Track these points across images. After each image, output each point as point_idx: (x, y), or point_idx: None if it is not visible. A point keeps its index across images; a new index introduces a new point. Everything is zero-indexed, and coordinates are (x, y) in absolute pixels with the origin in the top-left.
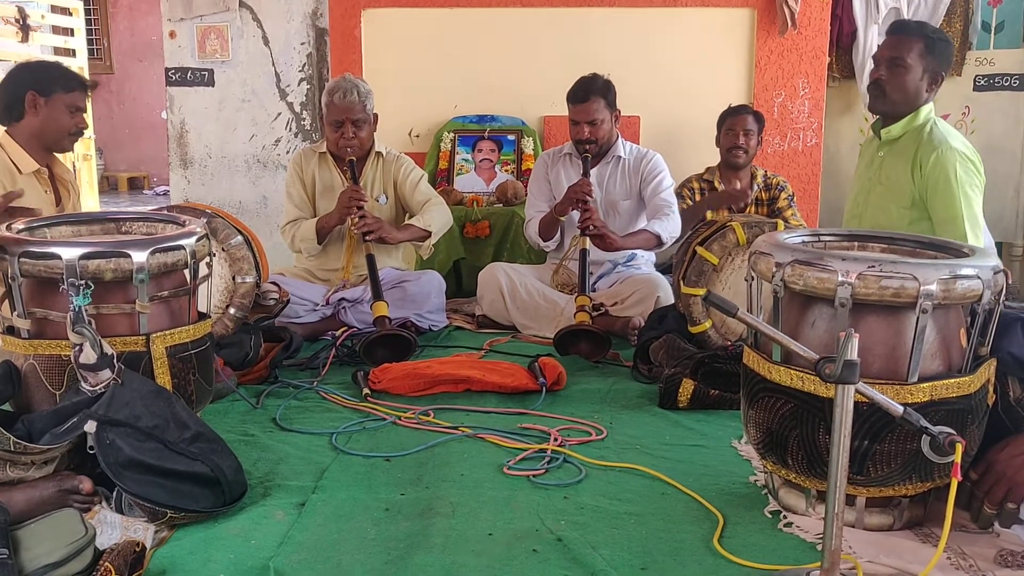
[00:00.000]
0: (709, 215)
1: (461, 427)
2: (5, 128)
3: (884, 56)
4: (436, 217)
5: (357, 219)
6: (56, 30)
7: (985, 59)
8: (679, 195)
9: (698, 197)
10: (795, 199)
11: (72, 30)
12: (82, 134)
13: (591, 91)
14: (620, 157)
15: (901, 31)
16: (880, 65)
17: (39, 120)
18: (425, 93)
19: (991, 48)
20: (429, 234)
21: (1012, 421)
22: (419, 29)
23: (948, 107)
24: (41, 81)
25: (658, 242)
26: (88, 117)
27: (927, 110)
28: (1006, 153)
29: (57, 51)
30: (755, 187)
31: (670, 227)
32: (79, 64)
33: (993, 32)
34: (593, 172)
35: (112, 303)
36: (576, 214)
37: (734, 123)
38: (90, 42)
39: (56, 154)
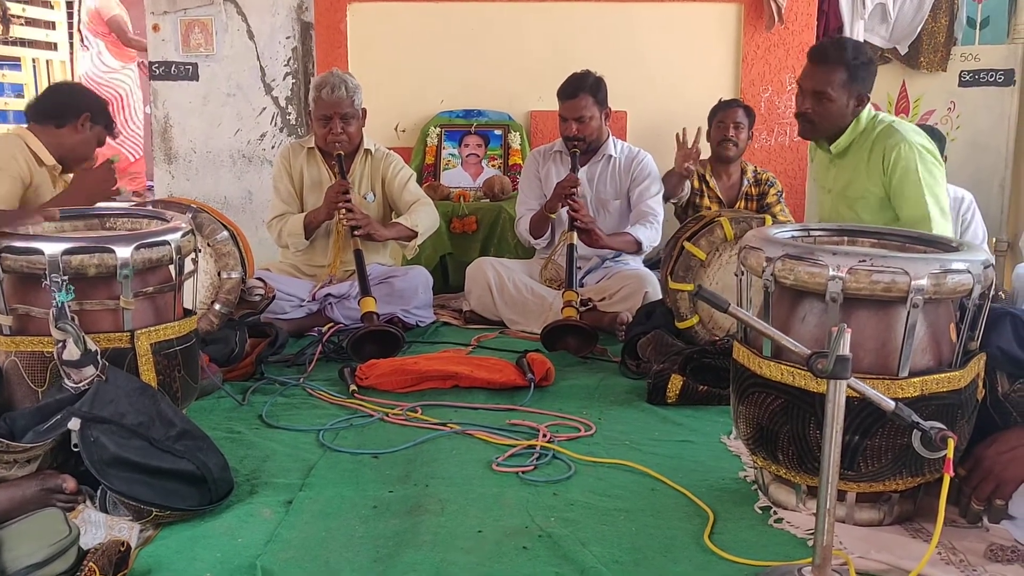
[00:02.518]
0: (707, 201)
1: (449, 424)
2: (28, 124)
3: (808, 89)
4: (423, 218)
5: (344, 214)
6: (37, 23)
7: (970, 55)
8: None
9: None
10: (784, 195)
11: (53, 23)
12: (80, 164)
13: (580, 88)
14: (611, 156)
15: (822, 60)
16: (806, 97)
17: (76, 139)
18: (411, 88)
19: (976, 44)
20: (415, 234)
21: (1001, 416)
22: (405, 23)
23: (933, 103)
24: (100, 112)
25: (638, 248)
26: None
27: (864, 113)
28: (991, 149)
29: (38, 45)
30: (745, 182)
31: (651, 235)
32: (61, 59)
33: (978, 28)
34: (583, 171)
35: (96, 299)
36: (566, 211)
37: (724, 116)
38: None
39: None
